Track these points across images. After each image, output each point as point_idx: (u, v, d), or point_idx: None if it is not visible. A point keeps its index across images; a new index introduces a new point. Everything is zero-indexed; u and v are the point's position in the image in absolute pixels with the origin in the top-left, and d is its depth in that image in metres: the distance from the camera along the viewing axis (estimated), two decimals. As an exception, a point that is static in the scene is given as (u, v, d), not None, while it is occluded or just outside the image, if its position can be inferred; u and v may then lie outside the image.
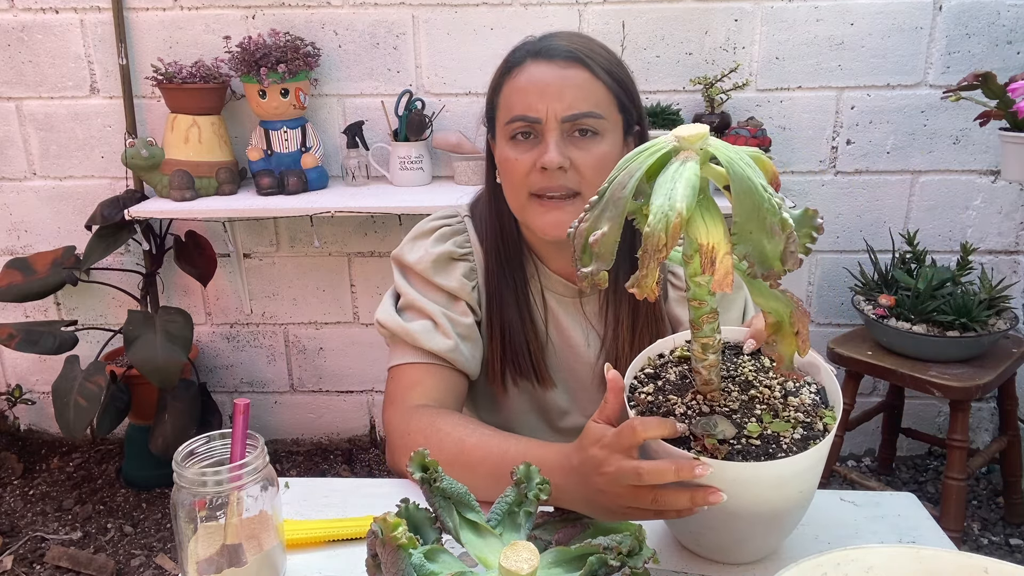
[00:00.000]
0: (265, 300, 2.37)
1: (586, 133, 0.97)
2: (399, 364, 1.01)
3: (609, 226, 0.55)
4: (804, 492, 0.68)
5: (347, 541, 0.81)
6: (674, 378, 0.72)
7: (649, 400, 0.69)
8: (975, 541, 2.01)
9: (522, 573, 0.60)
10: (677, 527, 0.75)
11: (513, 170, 0.99)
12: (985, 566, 0.57)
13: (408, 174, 2.08)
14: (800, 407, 0.67)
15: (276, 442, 2.50)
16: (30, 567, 1.96)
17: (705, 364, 0.67)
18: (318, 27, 2.10)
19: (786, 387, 0.70)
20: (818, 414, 0.67)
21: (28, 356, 2.40)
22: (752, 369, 0.72)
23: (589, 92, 0.96)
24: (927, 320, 1.77)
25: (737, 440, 0.63)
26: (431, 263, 1.04)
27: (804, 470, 0.64)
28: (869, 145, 2.14)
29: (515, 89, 0.99)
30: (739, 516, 0.65)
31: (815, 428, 0.65)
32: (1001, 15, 2.02)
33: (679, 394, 0.69)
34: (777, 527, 0.71)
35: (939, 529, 0.83)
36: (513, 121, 0.98)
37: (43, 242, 2.32)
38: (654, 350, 0.77)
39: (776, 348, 0.61)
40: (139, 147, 2.02)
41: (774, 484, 0.63)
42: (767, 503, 0.64)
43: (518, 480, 0.71)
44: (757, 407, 0.66)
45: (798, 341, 0.60)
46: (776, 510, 0.66)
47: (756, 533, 0.69)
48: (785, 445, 0.63)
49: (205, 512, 0.69)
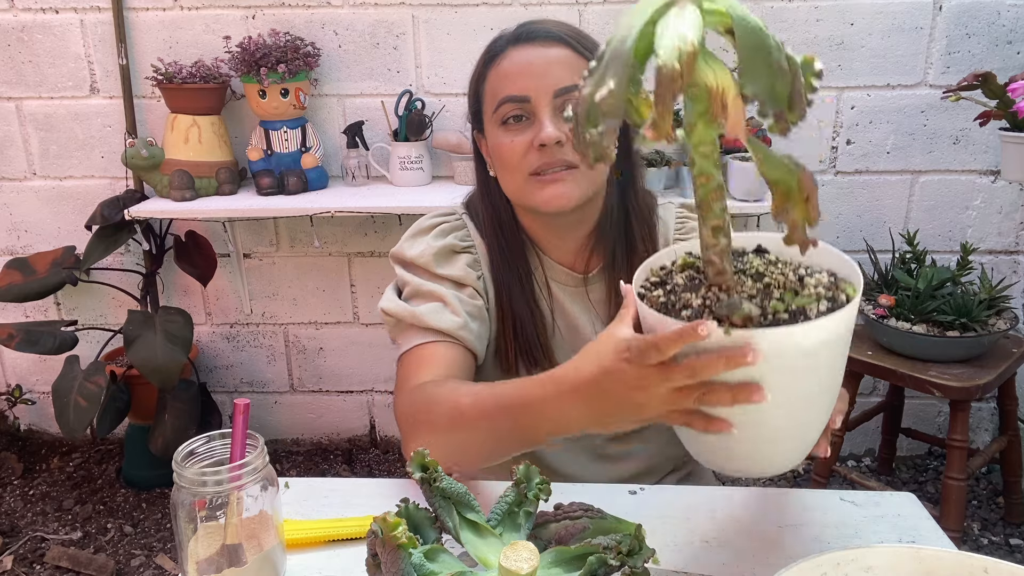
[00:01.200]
0: (265, 300, 2.37)
1: None
2: (406, 351, 0.99)
3: (615, 81, 0.52)
4: (833, 372, 0.64)
5: (347, 541, 0.81)
6: (683, 281, 0.67)
7: (662, 301, 0.65)
8: (975, 541, 2.01)
9: (522, 573, 0.60)
10: (708, 440, 0.68)
11: (509, 154, 0.98)
12: (985, 566, 0.57)
13: (408, 174, 2.08)
14: (819, 284, 0.63)
15: (276, 442, 2.50)
16: (30, 567, 1.96)
17: (717, 250, 0.62)
18: (318, 27, 2.10)
19: (799, 272, 0.66)
20: (839, 287, 0.64)
21: (28, 356, 2.40)
22: (762, 263, 0.68)
23: (575, 67, 0.97)
24: (927, 320, 1.77)
25: (764, 318, 0.60)
26: (433, 256, 1.03)
27: (835, 339, 0.61)
28: (869, 145, 2.14)
29: (500, 75, 0.99)
30: (774, 404, 0.61)
31: (839, 300, 0.62)
32: (1001, 15, 2.02)
33: (692, 292, 0.65)
34: (806, 421, 0.67)
35: (939, 529, 0.83)
36: (503, 104, 0.98)
37: (43, 242, 2.32)
38: (655, 262, 0.72)
39: (788, 215, 0.57)
40: (139, 147, 2.02)
41: (807, 353, 0.59)
42: (800, 383, 0.62)
43: (518, 480, 0.71)
44: (775, 292, 0.63)
45: (808, 208, 0.57)
46: (807, 394, 0.64)
47: (788, 428, 0.66)
48: (814, 315, 0.59)
49: (205, 512, 0.69)
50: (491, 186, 1.06)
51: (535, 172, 0.97)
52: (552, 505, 0.72)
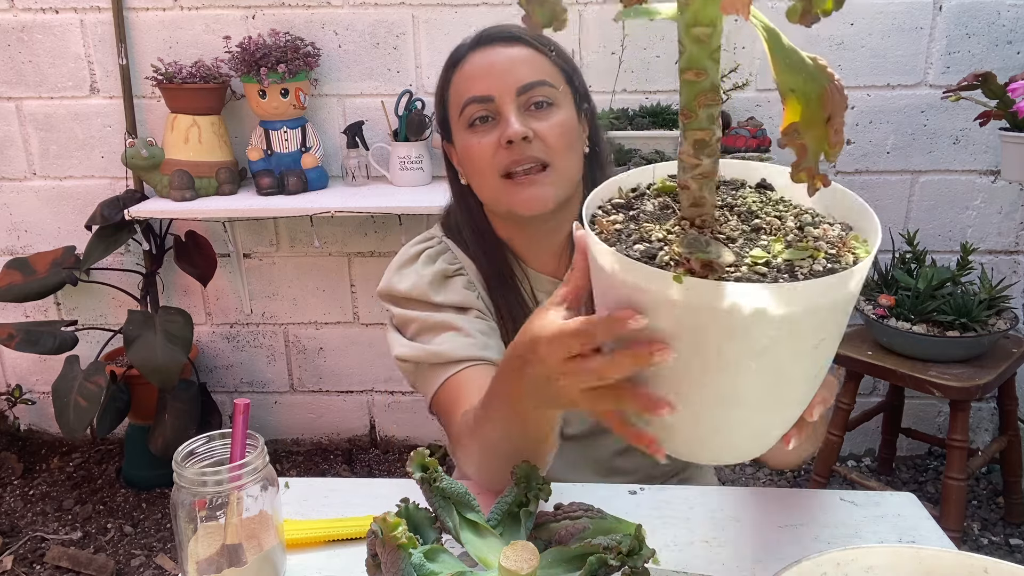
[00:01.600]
0: (265, 300, 2.37)
1: (542, 105, 0.97)
2: (437, 390, 0.94)
3: None
4: (818, 350, 0.49)
5: (347, 541, 0.81)
6: (652, 209, 0.54)
7: (617, 228, 0.51)
8: (975, 541, 2.01)
9: (522, 573, 0.60)
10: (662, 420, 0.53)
11: (478, 155, 0.98)
12: (985, 566, 0.57)
13: (408, 174, 2.08)
14: (823, 237, 0.50)
15: (276, 442, 2.50)
16: (30, 567, 1.96)
17: (697, 172, 0.48)
18: (318, 27, 2.10)
19: (803, 218, 0.52)
20: (847, 245, 0.50)
21: (28, 356, 2.40)
22: (756, 200, 0.54)
23: (537, 64, 0.97)
24: (927, 320, 1.77)
25: (736, 268, 0.46)
26: (428, 285, 1.00)
27: (824, 309, 0.46)
28: (869, 145, 2.14)
29: (463, 78, 0.99)
30: (733, 382, 0.48)
31: (842, 261, 0.48)
32: (1001, 15, 2.02)
33: (657, 222, 0.51)
34: (782, 399, 0.51)
35: (939, 529, 0.83)
36: (467, 106, 0.97)
37: (43, 242, 2.32)
38: (626, 181, 0.58)
39: (798, 138, 0.43)
40: (139, 147, 2.02)
41: (783, 324, 0.45)
42: (770, 358, 0.47)
43: (518, 480, 0.71)
44: (763, 238, 0.49)
45: (830, 131, 0.43)
46: (778, 374, 0.48)
47: (747, 414, 0.51)
48: (802, 275, 0.46)
49: (205, 512, 0.69)
50: (466, 197, 1.05)
51: (507, 174, 0.96)
52: (552, 505, 0.72)
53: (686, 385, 0.49)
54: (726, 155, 1.97)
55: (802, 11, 0.40)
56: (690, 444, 0.54)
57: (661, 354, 0.48)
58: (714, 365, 0.47)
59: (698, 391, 0.49)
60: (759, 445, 0.55)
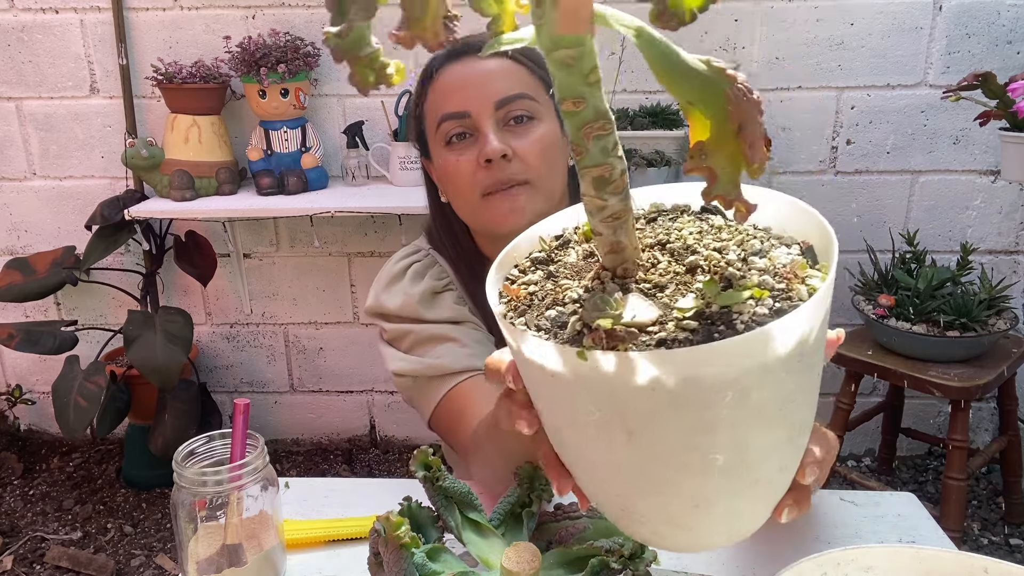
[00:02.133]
0: (265, 300, 2.36)
1: (521, 119, 0.93)
2: (438, 404, 0.93)
3: None
4: (793, 407, 0.40)
5: (347, 541, 0.81)
6: (575, 259, 0.46)
7: (531, 292, 0.44)
8: (975, 541, 2.01)
9: (524, 574, 0.60)
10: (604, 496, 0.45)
11: (457, 174, 0.94)
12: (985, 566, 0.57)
13: (408, 174, 2.08)
14: (769, 270, 0.41)
15: (276, 442, 2.50)
16: (30, 567, 1.96)
17: (605, 215, 0.40)
18: (318, 27, 2.10)
19: (746, 247, 0.43)
20: (797, 275, 0.41)
21: (28, 356, 2.40)
22: (695, 231, 0.46)
23: (514, 76, 0.93)
24: (927, 320, 1.77)
25: (661, 326, 0.37)
26: (417, 304, 0.98)
27: (781, 360, 0.36)
28: (869, 145, 2.14)
29: (438, 93, 0.95)
30: (687, 456, 0.39)
31: (794, 296, 0.39)
32: (1001, 15, 2.02)
33: (576, 277, 0.44)
34: (752, 476, 0.41)
35: (939, 529, 0.83)
36: (443, 122, 0.93)
37: (43, 242, 2.32)
38: (549, 228, 0.51)
39: (704, 160, 0.36)
40: (139, 147, 2.02)
41: (729, 393, 0.36)
42: (727, 431, 0.38)
43: (521, 480, 0.71)
44: (699, 278, 0.41)
45: (743, 145, 0.36)
46: (743, 443, 0.39)
47: (720, 487, 0.41)
48: (742, 324, 0.37)
49: (205, 512, 0.69)
50: (447, 214, 1.02)
51: (486, 192, 0.93)
52: (553, 506, 0.72)
53: (632, 474, 0.41)
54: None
55: (658, 13, 0.34)
56: (663, 534, 0.45)
57: (524, 427, 0.46)
58: (657, 451, 0.39)
59: (647, 479, 0.41)
60: (742, 528, 0.45)
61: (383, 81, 0.36)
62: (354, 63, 0.35)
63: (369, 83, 0.36)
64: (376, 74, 0.36)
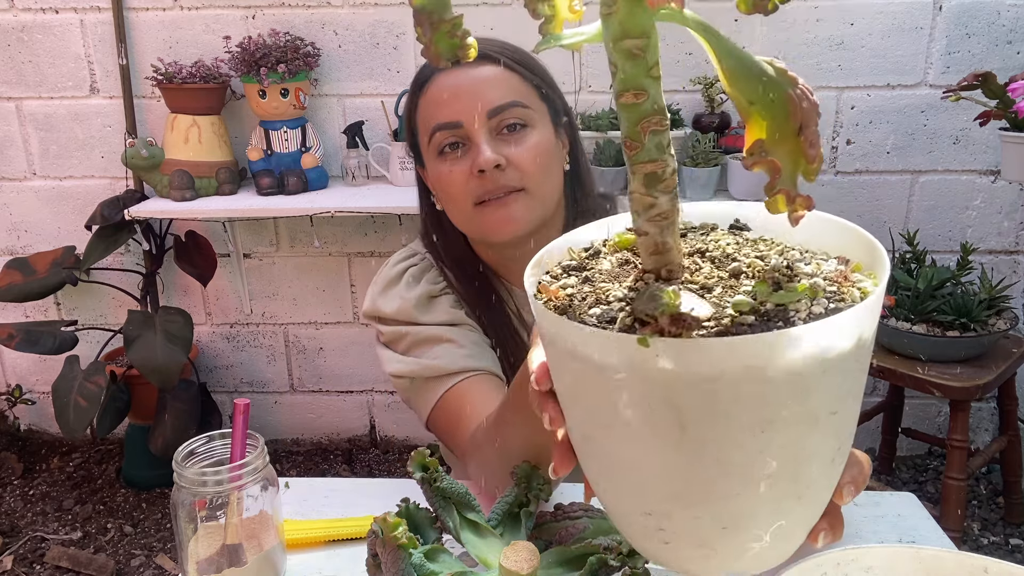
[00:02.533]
0: (265, 300, 2.37)
1: (515, 128, 0.92)
2: (435, 405, 0.93)
3: None
4: (841, 414, 0.38)
5: (347, 541, 0.81)
6: (610, 266, 0.45)
7: (568, 293, 0.43)
8: (975, 541, 2.01)
9: (522, 573, 0.60)
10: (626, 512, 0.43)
11: (450, 183, 0.93)
12: (985, 566, 0.57)
13: (408, 174, 2.08)
14: (818, 273, 0.40)
15: (276, 442, 2.50)
16: (30, 567, 1.96)
17: (654, 214, 0.40)
18: (318, 27, 2.10)
19: (790, 256, 0.43)
20: (848, 278, 0.40)
21: (28, 356, 2.40)
22: (734, 243, 0.45)
23: (506, 84, 0.92)
24: (927, 320, 1.77)
25: (716, 322, 0.36)
26: (413, 308, 0.97)
27: (838, 357, 0.35)
28: (869, 145, 2.14)
29: (429, 102, 0.94)
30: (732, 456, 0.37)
31: (847, 298, 0.38)
32: (1001, 15, 2.02)
33: (615, 280, 0.43)
34: (799, 486, 0.39)
35: (939, 529, 0.83)
36: (435, 132, 0.93)
37: (43, 242, 2.32)
38: (577, 240, 0.49)
39: (766, 157, 0.36)
40: (139, 147, 2.02)
41: (788, 385, 0.35)
42: (780, 429, 0.36)
43: (519, 480, 0.71)
44: (745, 282, 0.40)
45: (804, 145, 0.35)
46: (794, 445, 0.37)
47: (750, 507, 0.38)
48: (800, 320, 0.36)
49: (205, 512, 0.69)
50: (442, 221, 1.01)
51: (479, 201, 0.92)
52: (552, 505, 0.72)
53: (676, 478, 0.39)
54: (726, 156, 1.98)
55: (754, 5, 0.33)
56: (688, 556, 0.42)
57: (546, 420, 0.44)
58: (708, 450, 0.37)
59: (692, 483, 0.38)
60: (779, 550, 0.42)
61: (461, 54, 0.35)
62: (435, 29, 0.35)
63: (444, 54, 0.35)
64: (456, 44, 0.35)
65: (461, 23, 0.36)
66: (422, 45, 0.35)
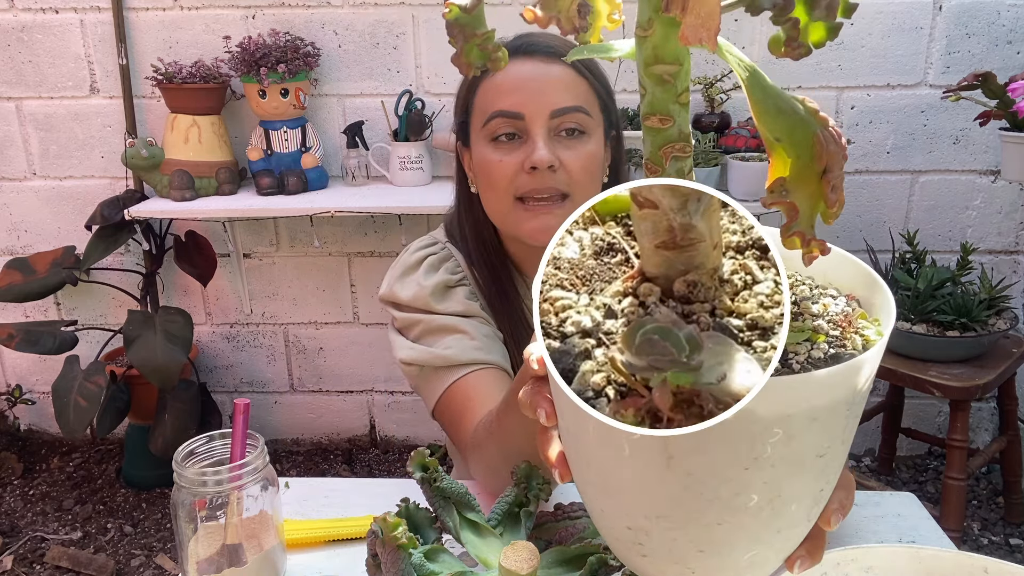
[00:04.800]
0: (265, 300, 2.37)
1: (573, 132, 0.92)
2: (443, 394, 0.93)
3: None
4: (827, 459, 0.39)
5: (347, 541, 0.81)
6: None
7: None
8: (975, 541, 2.01)
9: (522, 573, 0.60)
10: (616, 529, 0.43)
11: (497, 173, 0.93)
12: (985, 566, 0.57)
13: (408, 174, 2.08)
14: (822, 315, 0.41)
15: (276, 442, 2.50)
16: (30, 567, 1.96)
17: None
18: (318, 27, 2.10)
19: (797, 291, 0.42)
20: (852, 324, 0.40)
21: (28, 356, 2.40)
22: None
23: (574, 88, 0.92)
24: (927, 320, 1.77)
25: None
26: (429, 296, 0.97)
27: (828, 406, 0.36)
28: (869, 145, 2.14)
29: (494, 86, 0.94)
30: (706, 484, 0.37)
31: (848, 345, 0.39)
32: (1001, 15, 2.02)
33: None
34: (777, 525, 0.40)
35: (939, 529, 0.83)
36: (493, 118, 0.92)
37: (43, 242, 2.32)
38: None
39: (787, 196, 0.35)
40: (139, 147, 2.02)
41: (774, 431, 0.35)
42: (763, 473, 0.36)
43: (518, 480, 0.71)
44: None
45: (826, 188, 0.35)
46: (776, 487, 0.38)
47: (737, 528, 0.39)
48: (797, 364, 0.37)
49: (205, 512, 0.69)
50: (474, 205, 1.01)
51: (522, 196, 0.92)
52: (552, 505, 0.72)
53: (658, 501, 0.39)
54: (727, 156, 1.98)
55: (787, 40, 0.32)
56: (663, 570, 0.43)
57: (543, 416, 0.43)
58: (693, 479, 0.37)
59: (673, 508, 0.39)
60: (755, 574, 0.43)
61: (492, 65, 0.36)
62: (467, 41, 0.35)
63: (475, 63, 0.36)
64: (486, 57, 0.36)
65: (492, 37, 0.36)
66: (454, 51, 0.36)
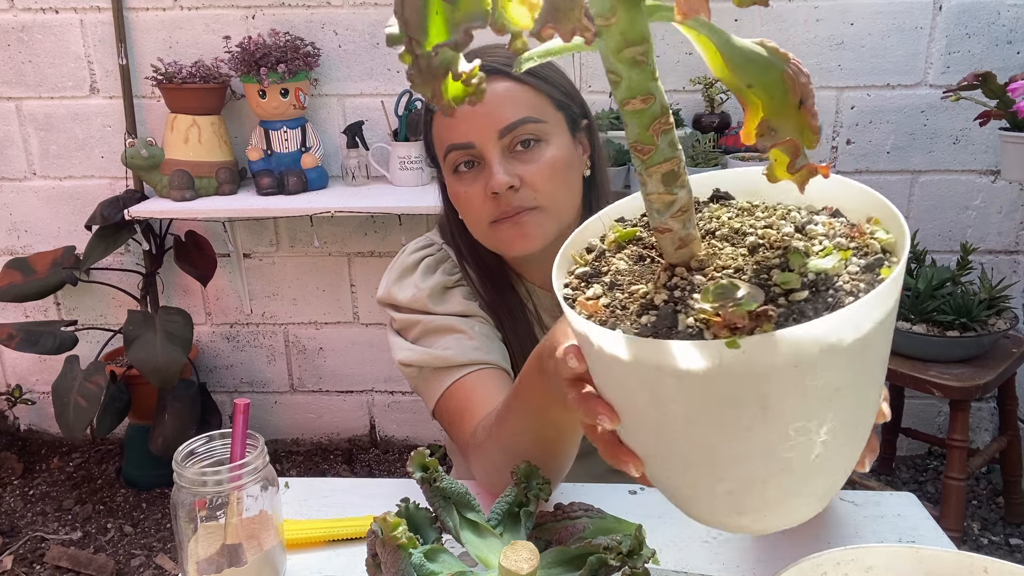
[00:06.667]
0: (265, 300, 2.36)
1: (528, 144, 0.91)
2: (442, 395, 0.93)
3: None
4: (882, 376, 0.42)
5: (347, 541, 0.81)
6: (625, 265, 0.45)
7: (605, 304, 0.43)
8: (975, 541, 2.01)
9: (522, 573, 0.60)
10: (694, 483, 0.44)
11: (465, 205, 0.94)
12: (985, 566, 0.57)
13: (408, 174, 2.08)
14: (832, 231, 0.42)
15: (276, 442, 2.50)
16: (30, 567, 1.96)
17: (675, 209, 0.40)
18: (318, 27, 2.10)
19: (793, 218, 0.44)
20: (863, 231, 0.42)
21: (28, 356, 2.40)
22: (732, 214, 0.46)
23: (519, 99, 0.90)
24: (927, 320, 1.77)
25: (773, 303, 0.38)
26: (428, 298, 0.97)
27: (883, 320, 0.38)
28: (869, 145, 2.14)
29: (441, 121, 0.94)
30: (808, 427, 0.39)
31: (871, 250, 0.40)
32: (1001, 15, 2.02)
33: (644, 280, 0.43)
34: (850, 448, 0.43)
35: (939, 529, 0.83)
36: (449, 152, 0.92)
37: (43, 242, 2.32)
38: (574, 246, 0.50)
39: (776, 136, 0.37)
40: (139, 147, 2.02)
41: (855, 354, 0.37)
42: (841, 402, 0.39)
43: (518, 480, 0.71)
44: (770, 255, 0.40)
45: (808, 117, 0.37)
46: (849, 414, 0.40)
47: (826, 462, 0.41)
48: (849, 284, 0.38)
49: (205, 512, 0.69)
50: (462, 224, 1.01)
51: (494, 220, 0.92)
52: (552, 505, 0.72)
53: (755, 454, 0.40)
54: (727, 156, 1.98)
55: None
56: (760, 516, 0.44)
57: (607, 422, 0.45)
58: (784, 420, 0.38)
59: (768, 456, 0.40)
60: (814, 508, 0.45)
61: (477, 98, 0.36)
62: (440, 82, 0.35)
63: (460, 101, 0.36)
64: (472, 90, 0.36)
65: (476, 72, 0.36)
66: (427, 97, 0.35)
